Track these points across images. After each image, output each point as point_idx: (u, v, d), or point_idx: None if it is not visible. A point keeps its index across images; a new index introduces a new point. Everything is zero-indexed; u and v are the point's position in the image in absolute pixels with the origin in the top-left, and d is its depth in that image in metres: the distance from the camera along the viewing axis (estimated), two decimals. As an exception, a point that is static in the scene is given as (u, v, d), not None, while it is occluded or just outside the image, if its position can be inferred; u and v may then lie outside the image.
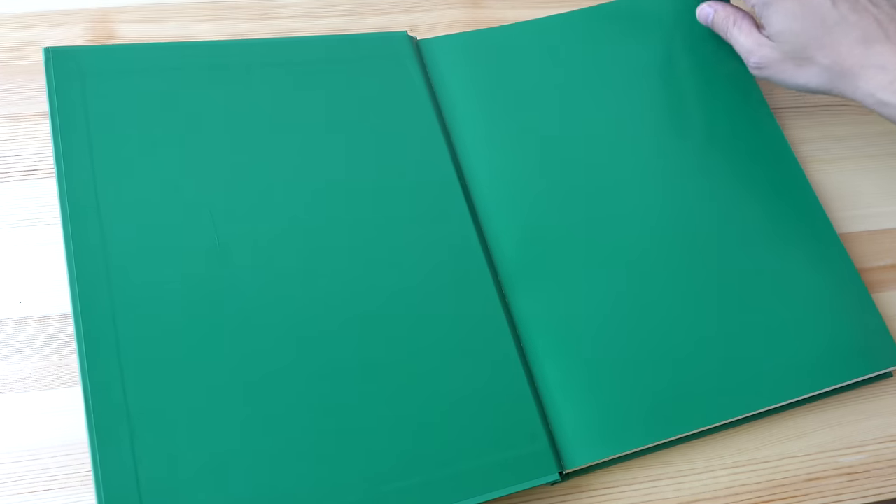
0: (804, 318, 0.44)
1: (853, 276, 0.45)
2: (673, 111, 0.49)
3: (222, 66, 0.46)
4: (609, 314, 0.43)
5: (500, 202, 0.45)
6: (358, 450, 0.38)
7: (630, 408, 0.40)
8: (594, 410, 0.40)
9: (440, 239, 0.43)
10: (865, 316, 0.44)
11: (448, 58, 0.49)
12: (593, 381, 0.41)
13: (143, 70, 0.45)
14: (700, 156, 0.48)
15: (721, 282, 0.44)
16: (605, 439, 0.40)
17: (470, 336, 0.41)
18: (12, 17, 0.51)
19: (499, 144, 0.47)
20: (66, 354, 0.41)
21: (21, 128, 0.47)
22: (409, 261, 0.42)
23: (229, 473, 0.36)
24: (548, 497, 0.40)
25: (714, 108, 0.50)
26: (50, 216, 0.45)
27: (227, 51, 0.47)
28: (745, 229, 0.46)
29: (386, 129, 0.46)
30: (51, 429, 0.40)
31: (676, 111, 0.49)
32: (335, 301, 0.41)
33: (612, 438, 0.40)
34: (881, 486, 0.42)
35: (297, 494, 0.36)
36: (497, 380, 0.40)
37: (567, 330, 0.42)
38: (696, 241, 0.45)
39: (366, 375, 0.39)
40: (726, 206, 0.46)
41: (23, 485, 0.38)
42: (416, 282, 0.42)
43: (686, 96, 0.50)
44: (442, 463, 0.38)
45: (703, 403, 0.41)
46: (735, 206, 0.47)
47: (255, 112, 0.45)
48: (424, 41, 0.50)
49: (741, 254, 0.45)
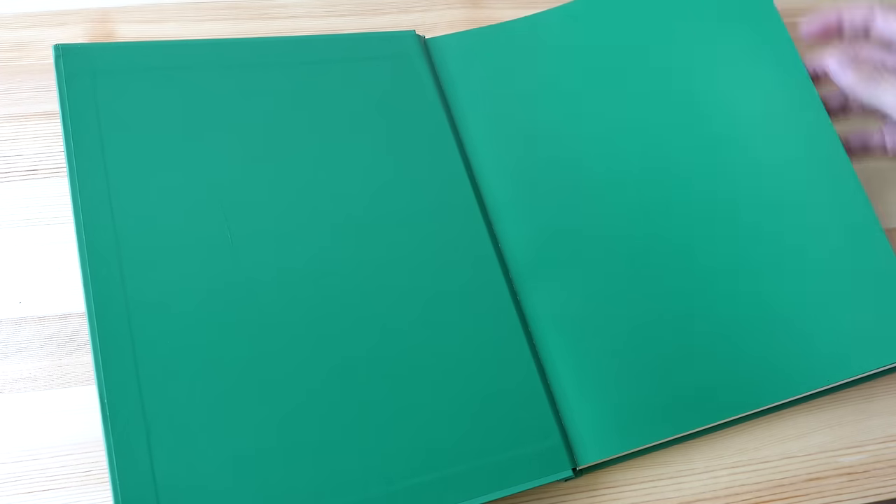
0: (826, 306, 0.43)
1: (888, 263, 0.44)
2: (685, 100, 0.48)
3: (232, 64, 0.46)
4: (619, 309, 0.43)
5: (511, 200, 0.45)
6: (371, 447, 0.38)
7: (642, 403, 0.40)
8: (606, 405, 0.40)
9: (452, 237, 0.43)
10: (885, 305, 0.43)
11: (456, 56, 0.49)
12: (605, 377, 0.41)
13: (155, 67, 0.44)
14: (710, 146, 0.47)
15: (734, 273, 0.44)
16: (618, 435, 0.40)
17: (482, 333, 0.41)
18: (12, 17, 0.51)
19: (508, 142, 0.47)
20: (66, 354, 0.41)
21: (21, 128, 0.47)
22: (421, 259, 0.42)
23: (244, 471, 0.36)
24: (548, 497, 0.40)
25: (745, 95, 0.48)
26: (50, 216, 0.45)
27: (237, 49, 0.46)
28: (752, 228, 0.45)
29: (396, 127, 0.46)
30: (51, 429, 0.40)
31: (688, 100, 0.48)
32: (348, 299, 0.41)
33: (626, 434, 0.40)
34: (881, 486, 0.42)
35: (311, 492, 0.36)
36: (509, 377, 0.40)
37: (578, 326, 0.42)
38: (703, 236, 0.45)
39: (379, 373, 0.39)
40: (736, 201, 0.46)
41: (23, 485, 0.38)
42: (428, 280, 0.42)
43: (701, 83, 0.48)
44: (454, 460, 0.38)
45: (719, 398, 0.41)
46: (745, 200, 0.46)
47: (267, 109, 0.45)
48: (432, 40, 0.50)
49: (750, 245, 0.44)
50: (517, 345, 0.41)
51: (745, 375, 0.42)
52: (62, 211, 0.45)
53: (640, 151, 0.47)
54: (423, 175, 0.45)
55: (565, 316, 0.42)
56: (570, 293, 0.43)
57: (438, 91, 0.48)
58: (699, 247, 0.44)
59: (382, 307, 0.41)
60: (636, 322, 0.42)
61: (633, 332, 0.42)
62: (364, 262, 0.42)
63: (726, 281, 0.44)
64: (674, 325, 0.42)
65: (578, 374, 0.41)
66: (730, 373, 0.41)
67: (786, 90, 0.47)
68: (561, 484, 0.40)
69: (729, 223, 0.45)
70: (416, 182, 0.44)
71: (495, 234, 0.44)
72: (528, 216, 0.45)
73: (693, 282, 0.44)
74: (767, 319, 0.43)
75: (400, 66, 0.48)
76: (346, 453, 0.37)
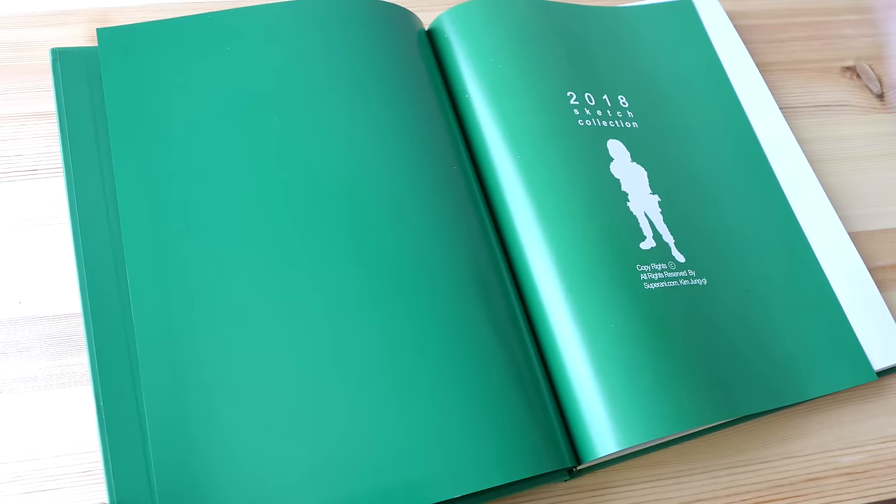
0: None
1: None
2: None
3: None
4: None
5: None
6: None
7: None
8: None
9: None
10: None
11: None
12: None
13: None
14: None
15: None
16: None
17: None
18: (12, 17, 0.51)
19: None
20: (66, 354, 0.41)
21: (21, 128, 0.47)
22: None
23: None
24: (548, 497, 0.40)
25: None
26: (50, 216, 0.45)
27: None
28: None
29: None
30: (51, 429, 0.40)
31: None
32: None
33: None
34: (881, 486, 0.42)
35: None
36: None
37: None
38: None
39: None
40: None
41: (23, 485, 0.38)
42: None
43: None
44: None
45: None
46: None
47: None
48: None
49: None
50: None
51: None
52: (62, 211, 0.45)
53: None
54: None
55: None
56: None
57: None
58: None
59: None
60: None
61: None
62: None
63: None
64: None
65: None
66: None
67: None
68: (561, 484, 0.40)
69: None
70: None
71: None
72: None
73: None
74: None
75: None
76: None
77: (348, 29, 0.46)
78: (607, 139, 0.47)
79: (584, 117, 0.47)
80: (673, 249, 0.44)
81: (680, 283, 0.43)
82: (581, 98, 0.47)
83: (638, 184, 0.46)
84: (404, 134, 0.44)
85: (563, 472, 0.39)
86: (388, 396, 0.38)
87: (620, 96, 0.49)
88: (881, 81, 0.55)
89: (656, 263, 0.43)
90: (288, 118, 0.43)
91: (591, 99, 0.48)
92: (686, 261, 0.44)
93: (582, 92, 0.48)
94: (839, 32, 0.58)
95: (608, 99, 0.48)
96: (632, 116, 0.49)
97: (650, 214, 0.45)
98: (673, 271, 0.43)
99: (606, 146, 0.46)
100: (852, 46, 0.57)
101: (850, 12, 0.59)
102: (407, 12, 0.49)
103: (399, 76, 0.46)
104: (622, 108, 0.49)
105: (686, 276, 0.44)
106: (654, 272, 0.43)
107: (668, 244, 0.44)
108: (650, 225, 0.45)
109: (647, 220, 0.45)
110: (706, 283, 0.44)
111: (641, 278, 0.42)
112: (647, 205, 0.45)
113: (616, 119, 0.48)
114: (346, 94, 0.45)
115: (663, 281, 0.43)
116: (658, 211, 0.45)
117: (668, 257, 0.44)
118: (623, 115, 0.48)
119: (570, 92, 0.47)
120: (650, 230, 0.44)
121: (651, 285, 0.42)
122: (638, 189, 0.46)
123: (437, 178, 0.44)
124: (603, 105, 0.48)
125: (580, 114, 0.47)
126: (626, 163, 0.46)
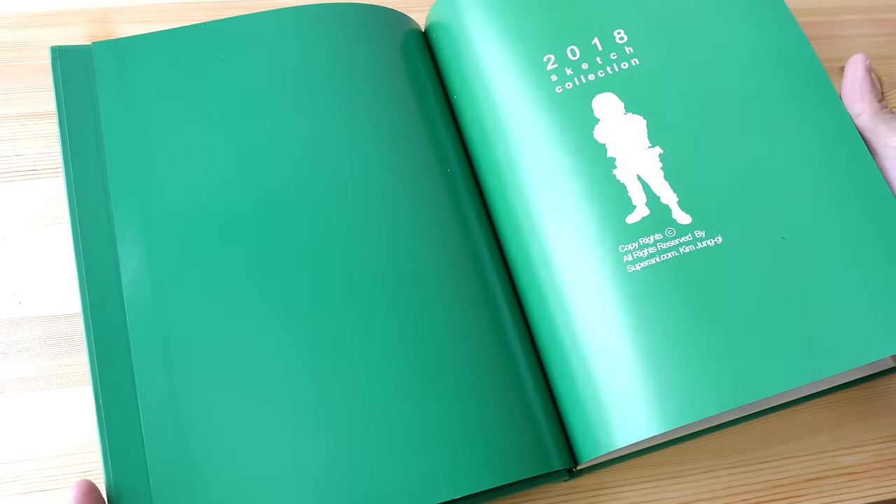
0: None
1: None
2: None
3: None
4: None
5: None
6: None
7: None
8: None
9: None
10: None
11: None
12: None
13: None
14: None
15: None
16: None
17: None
18: (12, 17, 0.51)
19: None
20: (66, 354, 0.41)
21: (21, 128, 0.47)
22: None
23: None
24: (548, 497, 0.40)
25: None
26: (50, 216, 0.45)
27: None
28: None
29: None
30: (51, 429, 0.40)
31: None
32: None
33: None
34: (881, 486, 0.42)
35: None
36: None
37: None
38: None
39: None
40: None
41: (23, 485, 0.38)
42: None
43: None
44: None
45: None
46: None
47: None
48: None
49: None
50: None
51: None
52: (62, 211, 0.45)
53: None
54: None
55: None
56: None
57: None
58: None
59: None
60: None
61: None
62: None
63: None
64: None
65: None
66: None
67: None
68: (561, 484, 0.40)
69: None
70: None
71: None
72: None
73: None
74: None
75: None
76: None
77: (339, 36, 0.46)
78: (593, 96, 0.43)
79: (563, 81, 0.43)
80: (675, 211, 0.40)
81: (680, 252, 0.39)
82: (561, 57, 0.44)
83: (630, 141, 0.41)
84: (393, 139, 0.44)
85: (563, 472, 0.39)
86: (387, 397, 0.38)
87: (617, 31, 0.44)
88: (881, 82, 0.55)
89: (646, 237, 0.39)
90: (281, 125, 0.44)
91: (575, 52, 0.44)
92: (693, 220, 0.40)
93: (563, 48, 0.44)
94: (839, 32, 0.58)
95: (599, 42, 0.44)
96: (631, 52, 0.44)
97: (646, 175, 0.41)
98: (671, 239, 0.39)
99: (591, 106, 0.42)
100: (852, 46, 0.57)
101: (850, 12, 0.59)
102: (400, 15, 0.49)
103: (389, 80, 0.46)
104: (618, 46, 0.44)
105: (690, 240, 0.39)
106: (642, 248, 0.39)
107: (667, 206, 0.40)
108: (643, 189, 0.40)
109: (640, 185, 0.41)
110: (721, 241, 0.39)
111: (624, 260, 0.39)
112: (641, 164, 0.41)
113: (609, 64, 0.43)
114: (337, 100, 0.45)
115: (656, 255, 0.39)
116: (658, 166, 0.41)
117: (665, 223, 0.40)
118: (619, 54, 0.44)
119: (548, 55, 0.44)
120: (642, 196, 0.40)
121: (637, 265, 0.39)
122: (630, 148, 0.41)
123: (425, 180, 0.44)
124: (591, 53, 0.44)
125: (559, 78, 0.43)
126: (617, 118, 0.42)
